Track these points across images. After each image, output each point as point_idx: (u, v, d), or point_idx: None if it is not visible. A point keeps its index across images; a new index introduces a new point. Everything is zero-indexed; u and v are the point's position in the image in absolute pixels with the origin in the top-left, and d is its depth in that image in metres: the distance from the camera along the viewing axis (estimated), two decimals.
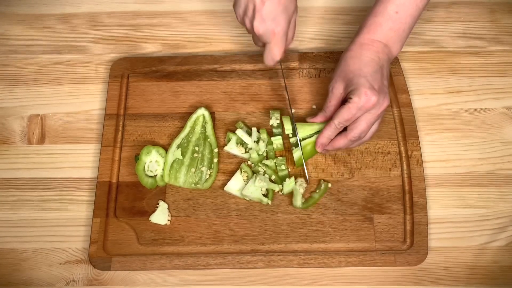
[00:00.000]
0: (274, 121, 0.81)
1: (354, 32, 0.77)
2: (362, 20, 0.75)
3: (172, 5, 0.96)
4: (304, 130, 0.76)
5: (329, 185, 0.78)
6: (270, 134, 0.81)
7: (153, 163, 0.79)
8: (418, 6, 0.72)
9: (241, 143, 0.80)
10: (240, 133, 0.79)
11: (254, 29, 0.71)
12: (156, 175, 0.79)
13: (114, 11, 0.96)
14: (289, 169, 0.79)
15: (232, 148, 0.79)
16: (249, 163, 0.80)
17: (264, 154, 0.79)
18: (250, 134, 0.80)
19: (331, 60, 0.87)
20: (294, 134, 0.77)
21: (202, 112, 0.82)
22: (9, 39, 0.93)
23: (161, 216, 0.76)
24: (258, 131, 0.81)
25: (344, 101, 0.72)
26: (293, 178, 0.77)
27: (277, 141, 0.79)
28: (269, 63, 0.75)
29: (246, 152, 0.79)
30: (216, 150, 0.80)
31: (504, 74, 0.87)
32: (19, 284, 0.76)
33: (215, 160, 0.79)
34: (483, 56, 0.89)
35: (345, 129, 0.73)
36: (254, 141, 0.79)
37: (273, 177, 0.78)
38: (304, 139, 0.76)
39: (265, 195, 0.77)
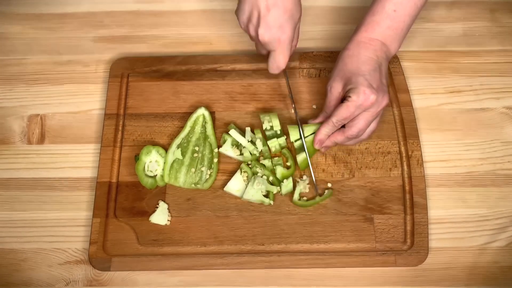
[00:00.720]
0: (266, 124, 0.80)
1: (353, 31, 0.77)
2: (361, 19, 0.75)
3: (172, 4, 0.96)
4: (297, 138, 0.76)
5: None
6: (264, 135, 0.81)
7: (153, 163, 0.79)
8: (417, 5, 0.72)
9: (236, 145, 0.80)
10: (234, 133, 0.79)
11: (259, 37, 0.68)
12: (156, 175, 0.79)
13: (114, 11, 0.96)
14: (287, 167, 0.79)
15: (227, 150, 0.79)
16: (249, 163, 0.79)
17: (258, 154, 0.79)
18: (244, 136, 0.80)
19: (331, 59, 0.87)
20: (300, 138, 0.77)
21: (202, 112, 0.82)
22: (9, 39, 0.93)
23: (161, 216, 0.76)
24: (252, 131, 0.81)
25: (343, 99, 0.72)
26: (291, 179, 0.77)
27: (273, 143, 0.79)
28: (274, 71, 0.73)
29: (240, 154, 0.79)
30: (216, 150, 0.80)
31: (504, 74, 0.87)
32: (19, 284, 0.76)
33: (215, 160, 0.79)
34: (483, 56, 0.89)
35: (343, 126, 0.73)
36: (249, 141, 0.79)
37: (270, 178, 0.78)
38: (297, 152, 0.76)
39: (266, 196, 0.77)
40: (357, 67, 0.70)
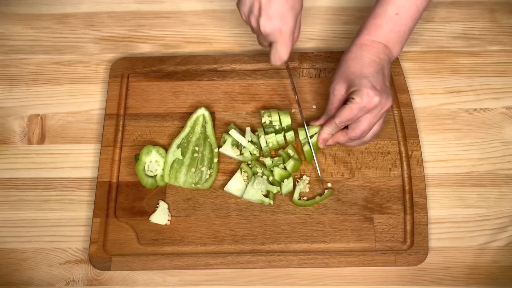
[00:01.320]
0: (266, 118, 0.80)
1: (354, 32, 0.77)
2: (362, 20, 0.75)
3: (172, 5, 0.96)
4: (303, 134, 0.76)
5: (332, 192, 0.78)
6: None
7: (153, 163, 0.79)
8: (418, 8, 0.72)
9: (236, 145, 0.80)
10: (234, 133, 0.79)
11: (260, 28, 0.68)
12: (156, 175, 0.79)
13: (114, 11, 0.96)
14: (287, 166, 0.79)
15: (227, 150, 0.79)
16: (249, 163, 0.79)
17: (258, 154, 0.79)
18: (244, 136, 0.80)
19: (331, 60, 0.87)
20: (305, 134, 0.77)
21: (202, 112, 0.82)
22: (9, 39, 0.93)
23: (161, 216, 0.76)
24: (254, 132, 0.80)
25: (346, 101, 0.72)
26: (291, 179, 0.77)
27: (271, 138, 0.79)
28: (276, 63, 0.73)
29: (240, 154, 0.79)
30: (216, 150, 0.80)
31: (504, 74, 0.87)
32: (19, 284, 0.76)
33: (215, 160, 0.79)
34: (483, 56, 0.89)
35: (346, 126, 0.73)
36: (249, 141, 0.79)
37: (270, 178, 0.78)
38: (303, 144, 0.76)
39: (266, 195, 0.77)
40: (360, 70, 0.71)
